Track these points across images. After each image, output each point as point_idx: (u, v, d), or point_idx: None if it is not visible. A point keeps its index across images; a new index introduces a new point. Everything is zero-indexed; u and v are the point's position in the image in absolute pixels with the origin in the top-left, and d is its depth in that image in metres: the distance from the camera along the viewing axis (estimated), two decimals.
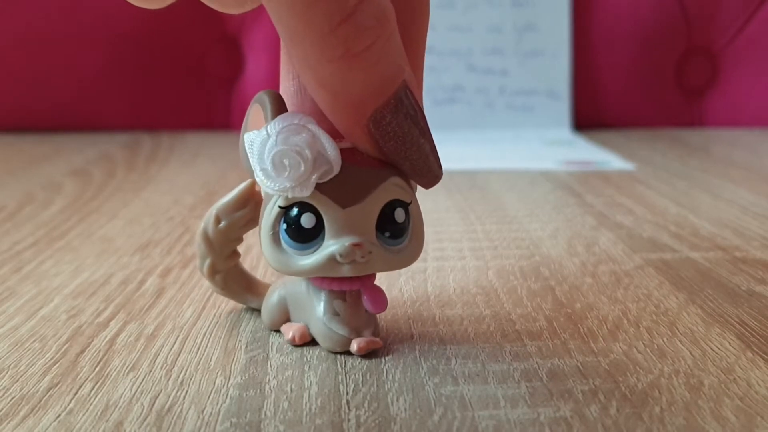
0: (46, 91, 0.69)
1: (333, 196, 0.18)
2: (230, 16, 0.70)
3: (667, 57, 0.72)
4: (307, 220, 0.19)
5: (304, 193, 0.18)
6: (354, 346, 0.20)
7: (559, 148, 0.60)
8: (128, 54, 0.69)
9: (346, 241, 0.18)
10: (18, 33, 0.67)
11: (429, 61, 0.21)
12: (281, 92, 0.20)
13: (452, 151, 0.57)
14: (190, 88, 0.71)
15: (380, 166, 0.19)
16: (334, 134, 0.18)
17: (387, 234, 0.19)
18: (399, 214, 0.19)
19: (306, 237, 0.19)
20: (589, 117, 0.72)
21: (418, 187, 0.20)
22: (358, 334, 0.20)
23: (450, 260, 0.29)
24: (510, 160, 0.55)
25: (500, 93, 0.70)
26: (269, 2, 0.16)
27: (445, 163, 0.20)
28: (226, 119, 0.72)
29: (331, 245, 0.19)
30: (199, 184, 0.45)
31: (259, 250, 0.30)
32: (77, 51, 0.68)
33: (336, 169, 0.18)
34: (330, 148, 0.18)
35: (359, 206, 0.19)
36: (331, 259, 0.18)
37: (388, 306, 0.24)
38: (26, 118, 0.69)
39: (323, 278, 0.20)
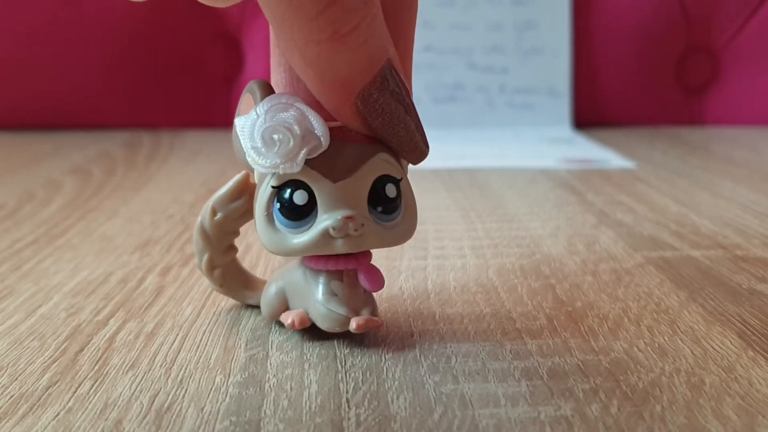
0: (46, 89, 0.69)
1: (323, 171, 0.19)
2: (230, 14, 0.70)
3: (668, 55, 0.72)
4: (299, 197, 0.19)
5: (294, 169, 0.18)
6: (353, 324, 0.20)
7: (559, 146, 0.60)
8: (128, 52, 0.69)
9: (339, 215, 0.18)
10: (18, 32, 0.67)
11: (429, 59, 0.21)
12: (273, 84, 0.20)
13: (452, 149, 0.57)
14: (189, 86, 0.71)
15: (369, 143, 0.19)
16: (325, 117, 0.19)
17: (379, 209, 0.19)
18: (390, 190, 0.19)
19: (299, 215, 0.19)
20: (589, 115, 0.71)
21: (418, 183, 0.20)
22: (357, 314, 0.20)
23: (450, 258, 0.29)
24: (510, 158, 0.55)
25: (500, 91, 0.69)
26: None
27: (446, 162, 0.20)
28: (225, 117, 0.72)
29: (324, 220, 0.19)
30: (198, 183, 0.45)
31: (259, 248, 0.30)
32: (77, 49, 0.68)
33: (325, 144, 0.18)
34: (318, 124, 0.18)
35: (350, 180, 0.19)
36: (325, 234, 0.19)
37: (389, 304, 0.24)
38: (26, 116, 0.69)
39: (319, 258, 0.20)
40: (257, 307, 0.24)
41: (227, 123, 0.71)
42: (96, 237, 0.33)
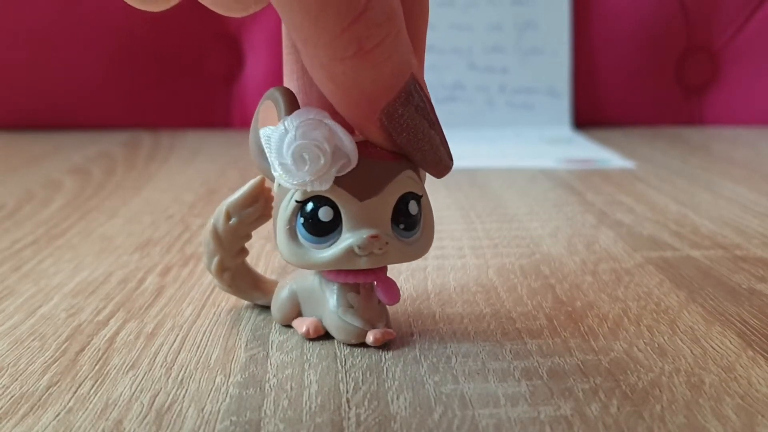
0: (46, 89, 0.69)
1: (350, 189, 0.19)
2: None
3: (668, 55, 0.72)
4: (324, 214, 0.19)
5: (324, 187, 0.18)
6: (370, 338, 0.20)
7: (559, 146, 0.60)
8: (128, 52, 0.69)
9: (364, 234, 0.19)
10: (18, 32, 0.67)
11: (429, 59, 0.21)
12: None
13: (452, 149, 0.57)
14: (189, 86, 0.71)
15: (394, 159, 0.19)
16: (346, 128, 0.19)
17: (401, 226, 0.19)
18: (412, 207, 0.19)
19: (323, 231, 0.19)
20: (589, 115, 0.72)
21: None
22: (373, 326, 0.21)
23: (450, 258, 0.29)
24: (510, 158, 0.55)
25: (500, 91, 0.70)
26: (281, 7, 0.16)
27: None
28: (225, 117, 0.72)
29: (348, 238, 0.19)
30: (198, 182, 0.45)
31: (259, 248, 0.30)
32: (77, 49, 0.68)
33: (354, 162, 0.18)
34: (347, 142, 0.18)
35: (376, 199, 0.19)
36: (349, 252, 0.19)
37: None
38: (26, 116, 0.69)
39: (338, 271, 0.20)
40: (261, 306, 0.24)
41: (227, 123, 0.71)
42: (96, 237, 0.33)
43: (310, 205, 0.19)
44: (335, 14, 0.16)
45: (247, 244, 0.23)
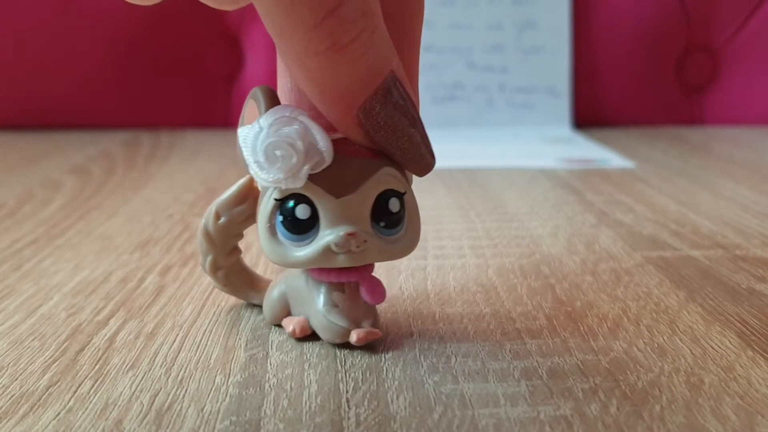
0: (46, 88, 0.69)
1: (326, 186, 0.18)
2: (230, 14, 0.70)
3: (668, 54, 0.72)
4: (302, 212, 0.19)
5: (297, 184, 0.18)
6: (353, 337, 0.20)
7: (559, 146, 0.60)
8: (128, 52, 0.69)
9: (341, 231, 0.18)
10: (18, 32, 0.67)
11: (429, 58, 0.21)
12: (279, 89, 0.20)
13: (452, 149, 0.57)
14: (189, 85, 0.71)
15: (373, 157, 0.19)
16: (329, 128, 0.19)
17: (382, 224, 0.19)
18: (393, 204, 0.19)
19: (302, 228, 0.19)
20: (589, 114, 0.72)
21: (418, 183, 0.20)
22: (358, 325, 0.20)
23: (450, 258, 0.29)
24: (510, 157, 0.55)
25: (500, 90, 0.70)
26: None
27: (445, 161, 0.20)
28: (225, 117, 0.72)
29: (326, 235, 0.19)
30: (198, 182, 0.45)
31: (258, 248, 0.30)
32: (77, 49, 0.68)
33: (328, 160, 0.18)
34: (321, 139, 0.18)
35: (353, 196, 0.19)
36: (327, 250, 0.19)
37: (388, 304, 0.24)
38: (26, 115, 0.69)
39: (321, 270, 0.20)
40: (260, 306, 0.24)
41: (227, 123, 0.71)
42: (96, 236, 0.33)
43: (288, 203, 0.19)
44: (309, 7, 0.16)
45: (247, 244, 0.23)
